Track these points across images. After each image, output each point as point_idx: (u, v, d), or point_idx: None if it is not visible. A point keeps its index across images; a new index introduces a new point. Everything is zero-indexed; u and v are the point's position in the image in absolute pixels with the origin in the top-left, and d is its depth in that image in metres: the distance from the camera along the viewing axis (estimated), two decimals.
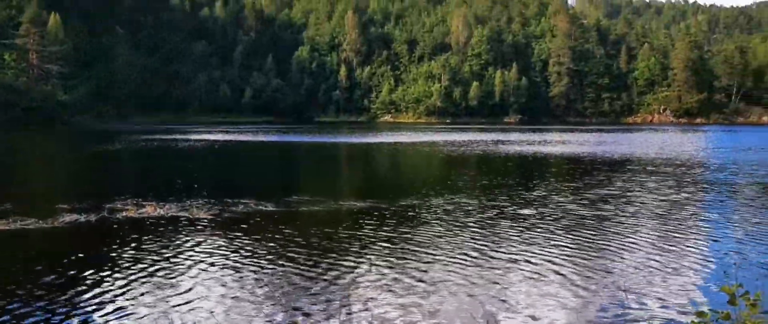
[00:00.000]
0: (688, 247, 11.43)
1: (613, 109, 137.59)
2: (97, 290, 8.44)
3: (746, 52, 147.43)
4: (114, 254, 10.55)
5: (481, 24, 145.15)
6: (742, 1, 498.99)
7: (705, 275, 9.50)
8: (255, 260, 10.21)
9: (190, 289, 8.57)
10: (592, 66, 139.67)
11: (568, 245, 11.43)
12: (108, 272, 9.35)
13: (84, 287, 8.60)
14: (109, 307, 7.77)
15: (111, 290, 8.46)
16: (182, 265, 9.85)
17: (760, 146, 45.21)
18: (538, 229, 12.88)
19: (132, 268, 9.60)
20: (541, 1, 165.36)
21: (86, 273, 9.30)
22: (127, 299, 8.09)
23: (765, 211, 15.78)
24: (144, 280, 8.97)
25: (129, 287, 8.61)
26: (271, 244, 11.37)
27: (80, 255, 10.56)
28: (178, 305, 7.88)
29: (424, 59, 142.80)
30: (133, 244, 11.23)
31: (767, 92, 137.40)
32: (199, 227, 12.92)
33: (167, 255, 10.45)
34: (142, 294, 8.32)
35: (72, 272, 9.36)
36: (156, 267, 9.66)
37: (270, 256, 10.47)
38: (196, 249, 10.95)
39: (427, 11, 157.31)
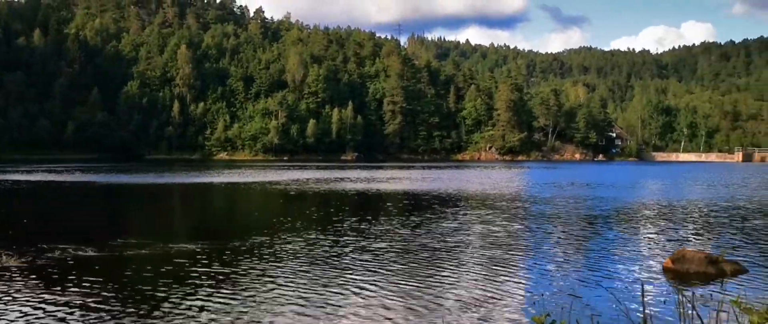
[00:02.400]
0: (510, 278, 12.10)
1: (444, 146, 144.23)
2: None
3: (560, 94, 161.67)
4: None
5: (317, 63, 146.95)
6: (555, 48, 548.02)
7: (521, 305, 10.10)
8: (72, 310, 9.40)
9: None
10: (423, 105, 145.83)
11: (400, 278, 11.68)
12: None
13: None
14: None
15: None
16: None
17: (576, 182, 49.22)
18: (374, 264, 13.04)
19: None
20: (375, 42, 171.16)
21: None
22: None
23: (580, 242, 17.10)
24: None
25: None
26: (91, 292, 10.56)
27: None
28: None
29: (261, 96, 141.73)
30: None
31: (578, 131, 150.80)
32: (7, 276, 11.71)
33: None
34: None
35: None
36: None
37: (89, 305, 9.71)
38: (3, 301, 9.89)
39: (263, 48, 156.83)
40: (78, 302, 9.90)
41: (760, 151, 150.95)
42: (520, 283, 11.74)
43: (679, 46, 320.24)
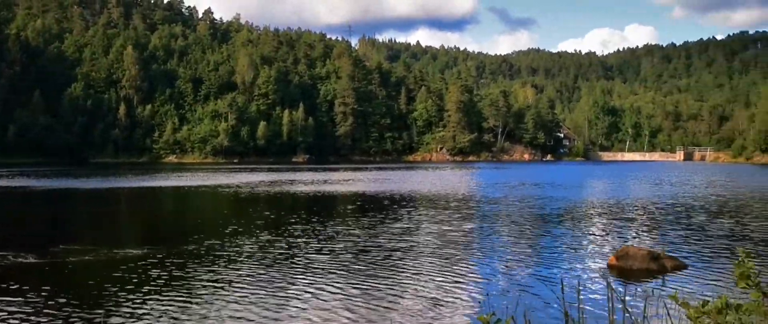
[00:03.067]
0: (460, 277, 12.22)
1: (396, 147, 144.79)
2: None
3: (509, 95, 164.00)
4: None
5: (267, 64, 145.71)
6: (504, 49, 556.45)
7: (469, 305, 10.20)
8: (10, 320, 9.08)
9: None
10: (374, 107, 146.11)
11: (350, 280, 11.66)
12: None
13: None
14: None
15: None
16: None
17: (525, 182, 49.96)
18: (325, 266, 12.99)
19: None
20: (326, 43, 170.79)
21: None
22: None
23: (528, 241, 17.37)
24: None
25: None
26: (32, 300, 10.23)
27: None
28: None
29: (210, 98, 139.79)
30: None
31: (527, 132, 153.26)
32: None
33: None
34: None
35: None
36: None
37: (29, 315, 9.39)
38: None
39: (213, 49, 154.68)
40: (17, 311, 9.58)
41: (700, 150, 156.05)
42: (469, 282, 11.86)
43: (624, 48, 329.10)
